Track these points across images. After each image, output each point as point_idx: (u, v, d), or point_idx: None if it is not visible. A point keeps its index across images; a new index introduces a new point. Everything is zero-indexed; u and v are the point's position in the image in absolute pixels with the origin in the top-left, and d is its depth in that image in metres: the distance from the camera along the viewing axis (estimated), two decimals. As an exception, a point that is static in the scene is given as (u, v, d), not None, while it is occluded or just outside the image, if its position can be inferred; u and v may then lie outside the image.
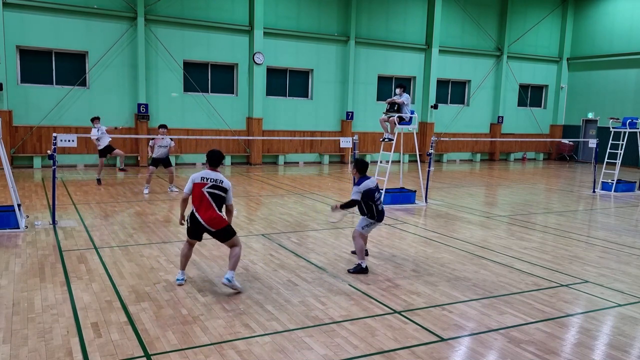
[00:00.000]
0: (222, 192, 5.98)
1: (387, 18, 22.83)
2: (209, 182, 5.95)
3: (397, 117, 11.97)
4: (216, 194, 5.95)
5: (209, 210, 5.90)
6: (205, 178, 5.97)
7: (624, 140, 15.39)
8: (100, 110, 18.02)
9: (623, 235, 9.78)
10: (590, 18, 26.34)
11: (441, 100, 24.76)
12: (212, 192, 5.93)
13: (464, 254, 8.05)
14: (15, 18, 16.62)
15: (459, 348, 4.83)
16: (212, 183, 5.94)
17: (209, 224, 5.89)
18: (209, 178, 5.97)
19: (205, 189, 5.92)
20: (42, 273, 6.52)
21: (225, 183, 6.01)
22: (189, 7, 18.97)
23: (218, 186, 5.96)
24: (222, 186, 5.97)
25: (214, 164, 6.11)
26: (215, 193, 5.94)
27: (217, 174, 6.04)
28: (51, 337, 4.73)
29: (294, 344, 4.76)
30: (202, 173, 6.04)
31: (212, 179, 5.96)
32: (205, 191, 5.92)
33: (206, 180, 5.95)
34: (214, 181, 5.95)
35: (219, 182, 5.97)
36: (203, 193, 5.92)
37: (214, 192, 5.94)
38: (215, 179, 5.96)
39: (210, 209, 5.90)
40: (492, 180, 18.56)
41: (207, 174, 6.01)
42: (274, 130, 20.73)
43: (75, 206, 10.93)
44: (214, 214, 5.91)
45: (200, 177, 5.99)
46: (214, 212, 5.91)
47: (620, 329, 5.35)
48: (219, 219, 5.92)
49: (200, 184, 5.95)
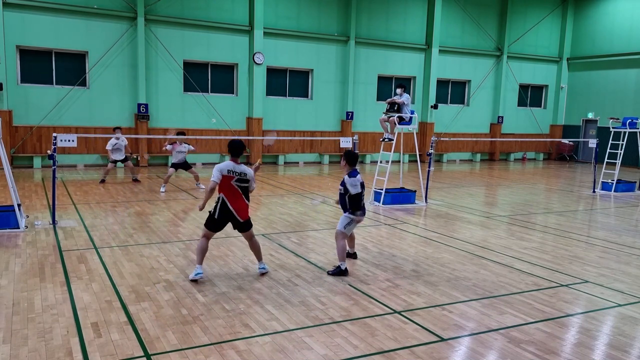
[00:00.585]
0: (247, 183, 6.37)
1: (387, 18, 22.83)
2: (235, 175, 6.25)
3: (397, 117, 11.97)
4: (243, 186, 6.34)
5: (239, 200, 6.32)
6: (231, 171, 6.24)
7: (624, 140, 15.39)
8: (100, 110, 18.07)
9: (623, 235, 9.78)
10: (590, 18, 26.34)
11: (441, 100, 24.77)
12: (240, 184, 6.30)
13: (464, 254, 8.05)
14: (15, 18, 16.63)
15: (459, 348, 4.83)
16: (238, 177, 6.27)
17: (239, 214, 6.32)
18: (235, 171, 6.26)
19: (233, 182, 6.26)
20: (42, 273, 6.52)
21: (249, 174, 6.35)
22: (189, 7, 18.97)
23: (243, 179, 6.31)
24: (246, 178, 6.33)
25: (236, 154, 6.32)
26: (243, 185, 6.33)
27: (241, 166, 6.32)
28: (51, 337, 4.73)
29: (294, 344, 4.76)
30: (228, 165, 6.25)
31: (237, 172, 6.26)
32: (234, 184, 6.26)
33: (233, 173, 6.24)
34: (238, 174, 6.27)
35: (243, 175, 6.31)
36: (232, 185, 6.26)
37: (241, 185, 6.31)
38: (240, 172, 6.28)
39: (240, 199, 6.33)
40: (492, 180, 18.56)
41: (233, 167, 6.26)
42: (273, 130, 20.71)
43: (75, 206, 10.93)
44: (243, 203, 6.35)
45: (227, 170, 6.23)
46: (243, 201, 6.36)
47: (620, 329, 5.35)
48: (246, 209, 6.39)
49: (229, 176, 6.23)
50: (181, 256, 7.46)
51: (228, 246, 8.09)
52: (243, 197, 6.34)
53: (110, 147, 13.90)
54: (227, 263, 7.18)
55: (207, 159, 20.08)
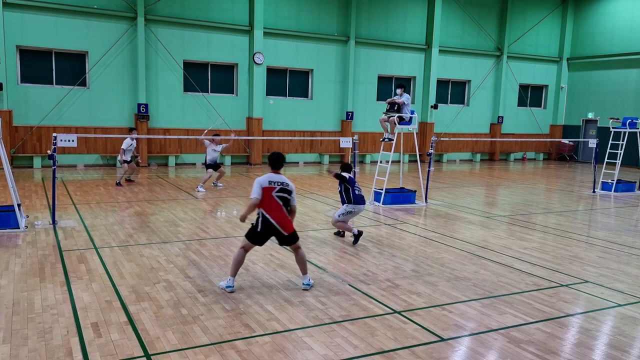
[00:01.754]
0: (288, 195, 6.06)
1: (387, 18, 22.83)
2: (276, 185, 6.00)
3: (397, 117, 11.97)
4: (284, 197, 6.02)
5: (280, 213, 5.99)
6: (272, 182, 6.00)
7: (624, 140, 15.39)
8: (100, 110, 18.07)
9: (623, 235, 9.78)
10: (590, 18, 26.34)
11: (441, 100, 24.77)
12: (281, 195, 6.00)
13: (464, 254, 8.05)
14: (15, 18, 16.63)
15: (459, 348, 4.83)
16: (279, 187, 6.00)
17: (282, 226, 5.98)
18: (276, 182, 6.01)
19: (274, 193, 5.97)
20: (42, 273, 6.52)
21: (290, 185, 6.09)
22: (189, 7, 18.97)
23: (285, 189, 6.03)
24: (288, 189, 6.04)
25: (277, 167, 6.13)
26: (283, 196, 6.01)
27: (281, 176, 6.09)
28: (51, 337, 4.73)
29: (294, 344, 4.76)
30: (268, 177, 6.04)
31: (278, 182, 6.02)
32: (275, 195, 5.97)
33: (274, 184, 6.00)
34: (281, 184, 6.02)
35: (286, 185, 6.04)
36: (272, 197, 5.97)
37: (282, 195, 6.01)
38: (282, 182, 6.03)
39: (281, 212, 6.00)
40: (492, 180, 18.56)
41: (274, 178, 6.04)
42: (274, 130, 20.74)
43: (75, 206, 10.93)
44: (286, 216, 6.04)
45: (267, 182, 6.00)
46: (285, 214, 6.03)
47: (620, 329, 5.35)
48: (289, 222, 6.05)
49: (269, 187, 5.98)
50: (181, 256, 7.46)
51: (228, 246, 8.09)
52: (284, 210, 6.00)
53: (125, 146, 13.79)
54: (227, 263, 7.18)
55: (207, 159, 20.06)
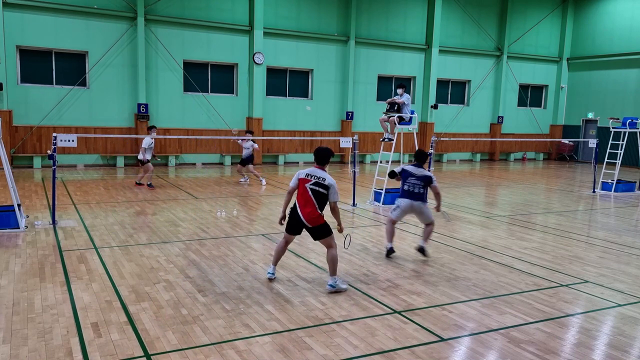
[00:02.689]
0: (324, 190, 6.06)
1: (387, 18, 22.83)
2: (312, 179, 6.08)
3: (397, 117, 11.97)
4: (318, 191, 6.05)
5: (308, 206, 6.03)
6: (310, 175, 6.11)
7: (624, 140, 15.39)
8: (100, 110, 18.07)
9: (623, 235, 9.77)
10: (590, 18, 26.34)
11: (441, 100, 24.77)
12: (314, 188, 6.04)
13: (464, 254, 8.05)
14: (15, 18, 16.63)
15: (459, 348, 4.83)
16: (315, 180, 6.06)
17: (306, 219, 6.03)
18: (314, 175, 6.09)
19: (308, 185, 6.06)
20: (42, 273, 6.52)
21: (328, 181, 6.08)
22: (189, 7, 18.97)
23: (320, 183, 6.05)
24: (324, 184, 6.06)
25: (321, 162, 6.20)
26: (317, 190, 6.04)
27: (323, 172, 6.14)
28: (51, 337, 4.73)
29: (294, 344, 4.76)
30: (309, 170, 6.18)
31: (316, 176, 6.08)
32: (308, 187, 6.05)
33: (310, 177, 6.09)
34: (317, 178, 6.07)
35: (322, 180, 6.06)
36: (306, 189, 6.06)
37: (316, 189, 6.04)
38: (319, 177, 6.07)
39: (310, 205, 6.03)
40: (492, 180, 18.56)
41: (313, 172, 6.13)
42: (274, 130, 20.74)
43: (75, 206, 10.93)
44: (313, 210, 6.03)
45: (305, 174, 6.14)
46: (314, 208, 6.04)
47: (620, 329, 5.35)
48: (316, 215, 6.05)
49: (305, 179, 6.10)
50: (181, 256, 7.46)
51: (228, 246, 8.09)
52: (314, 204, 6.01)
53: (146, 145, 13.49)
54: (227, 263, 7.18)
55: (207, 159, 20.09)
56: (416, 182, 7.66)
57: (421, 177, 7.70)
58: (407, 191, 7.71)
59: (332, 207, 6.15)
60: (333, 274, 6.12)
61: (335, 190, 6.11)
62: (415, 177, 7.70)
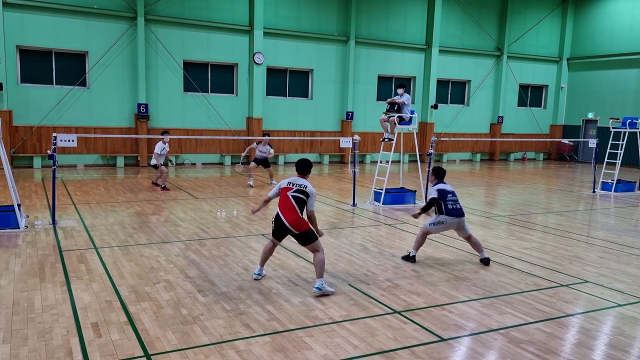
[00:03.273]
0: (305, 197, 6.27)
1: (387, 18, 22.83)
2: (294, 187, 6.30)
3: (397, 117, 11.97)
4: (299, 198, 6.24)
5: (292, 213, 6.18)
6: (291, 183, 6.36)
7: (624, 140, 15.39)
8: (100, 110, 18.07)
9: (623, 235, 9.77)
10: (590, 18, 26.34)
11: (441, 100, 24.77)
12: (296, 195, 6.24)
13: (464, 254, 8.05)
14: (15, 18, 16.63)
15: (459, 348, 4.83)
16: (297, 187, 6.28)
17: (292, 225, 6.15)
18: (295, 183, 6.33)
19: (290, 192, 6.26)
20: (42, 273, 6.52)
21: (309, 189, 6.31)
22: (189, 7, 18.97)
23: (302, 191, 6.27)
24: (305, 191, 6.27)
25: (302, 172, 6.48)
26: (299, 197, 6.24)
27: (304, 180, 6.39)
28: (51, 337, 4.73)
29: (294, 344, 4.76)
30: (290, 179, 6.44)
31: (297, 184, 6.32)
32: (290, 195, 6.24)
33: (292, 185, 6.33)
34: (299, 186, 6.29)
35: (303, 187, 6.29)
36: (288, 196, 6.25)
37: (298, 195, 6.24)
38: (300, 184, 6.31)
39: (293, 212, 6.19)
40: (492, 180, 18.56)
41: (295, 180, 6.38)
42: (274, 130, 20.73)
43: (75, 206, 10.93)
44: (297, 216, 6.19)
45: (287, 182, 6.39)
46: (297, 214, 6.20)
47: (620, 329, 5.35)
48: (301, 221, 6.19)
49: (287, 187, 6.33)
50: (181, 256, 7.46)
51: (228, 246, 8.09)
52: (297, 210, 6.19)
53: (159, 150, 13.36)
54: (227, 263, 7.18)
55: (207, 159, 20.09)
56: (455, 199, 7.60)
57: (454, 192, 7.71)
58: (453, 209, 7.53)
59: (309, 215, 6.34)
60: (320, 276, 6.09)
61: (314, 199, 6.37)
62: (452, 194, 7.62)
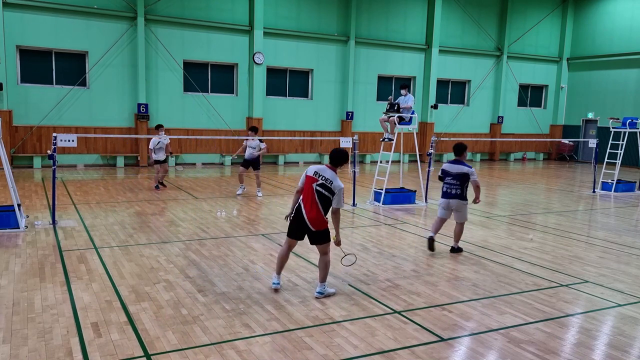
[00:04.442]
0: (329, 193, 5.70)
1: (387, 18, 22.83)
2: (320, 179, 5.72)
3: (397, 117, 11.98)
4: (323, 194, 5.70)
5: (313, 207, 5.69)
6: (317, 174, 5.77)
7: (624, 140, 15.39)
8: (100, 110, 18.07)
9: (623, 235, 9.77)
10: (590, 18, 26.34)
11: (441, 100, 24.77)
12: (320, 190, 5.70)
13: (464, 254, 8.05)
14: (15, 18, 16.62)
15: (459, 348, 4.83)
16: (322, 181, 5.71)
17: (309, 220, 5.69)
18: (322, 175, 5.74)
19: (315, 184, 5.72)
20: (42, 273, 6.52)
21: (335, 185, 5.69)
22: (189, 7, 18.97)
23: (326, 186, 5.69)
24: (329, 186, 5.69)
25: (334, 163, 5.83)
26: (322, 192, 5.70)
27: (332, 172, 5.76)
28: (51, 337, 4.73)
29: (294, 344, 4.76)
30: (317, 167, 5.83)
31: (324, 176, 5.73)
32: (315, 187, 5.71)
33: (318, 176, 5.75)
34: (324, 180, 5.71)
35: (329, 183, 5.70)
36: (312, 188, 5.71)
37: (321, 191, 5.69)
38: (327, 178, 5.71)
39: (314, 206, 5.69)
40: (492, 180, 18.56)
41: (322, 171, 5.78)
42: (274, 130, 20.73)
43: (75, 206, 10.93)
44: (318, 212, 5.70)
45: (314, 172, 5.80)
46: (318, 210, 5.70)
47: (620, 329, 5.35)
48: (320, 219, 5.71)
49: (312, 178, 5.76)
50: (181, 256, 7.46)
51: (228, 246, 8.09)
52: (318, 205, 5.66)
53: (152, 145, 13.17)
54: (227, 263, 7.18)
55: (207, 159, 20.08)
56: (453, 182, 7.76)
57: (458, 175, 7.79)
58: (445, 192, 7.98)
59: (333, 211, 5.77)
60: (323, 280, 5.89)
61: (341, 196, 5.73)
62: (452, 177, 7.72)
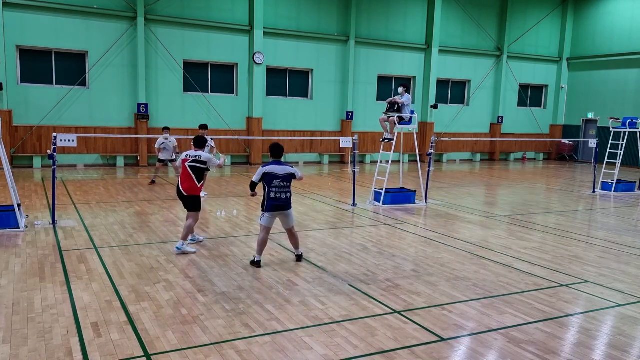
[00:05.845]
0: (201, 164, 7.55)
1: (387, 18, 22.83)
2: (189, 158, 7.56)
3: (397, 117, 11.97)
4: (196, 167, 7.54)
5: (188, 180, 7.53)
6: (188, 155, 7.62)
7: (624, 140, 15.39)
8: (100, 110, 18.07)
9: (623, 235, 9.77)
10: (590, 18, 26.34)
11: (441, 100, 24.77)
12: (193, 165, 7.53)
13: (464, 254, 8.05)
14: (15, 18, 16.62)
15: (459, 348, 4.83)
16: (192, 159, 7.55)
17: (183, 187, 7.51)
18: (191, 155, 7.58)
19: (187, 164, 7.54)
20: (42, 273, 6.53)
21: (204, 157, 7.56)
22: (189, 7, 18.97)
23: (198, 160, 7.54)
24: (200, 160, 7.54)
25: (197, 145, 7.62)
26: (196, 166, 7.54)
27: (200, 152, 7.58)
28: (51, 337, 4.73)
29: (294, 344, 4.76)
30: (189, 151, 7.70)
31: (192, 155, 7.57)
32: (188, 165, 7.51)
33: (188, 157, 7.60)
34: (193, 157, 7.56)
35: (198, 157, 7.56)
36: (186, 167, 7.53)
37: (195, 165, 7.53)
38: (195, 156, 7.56)
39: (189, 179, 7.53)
40: (492, 180, 18.56)
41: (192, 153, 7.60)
42: (274, 130, 20.73)
43: (75, 206, 10.93)
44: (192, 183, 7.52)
45: (185, 154, 7.68)
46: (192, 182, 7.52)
47: (620, 329, 5.35)
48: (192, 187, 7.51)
49: (184, 159, 7.63)
50: (181, 256, 7.46)
51: (228, 246, 8.09)
52: (193, 178, 7.47)
53: (157, 145, 14.18)
54: (227, 263, 7.18)
55: (207, 159, 20.05)
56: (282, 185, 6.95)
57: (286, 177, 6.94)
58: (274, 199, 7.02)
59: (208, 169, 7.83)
60: (184, 239, 7.54)
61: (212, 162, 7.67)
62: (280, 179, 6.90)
